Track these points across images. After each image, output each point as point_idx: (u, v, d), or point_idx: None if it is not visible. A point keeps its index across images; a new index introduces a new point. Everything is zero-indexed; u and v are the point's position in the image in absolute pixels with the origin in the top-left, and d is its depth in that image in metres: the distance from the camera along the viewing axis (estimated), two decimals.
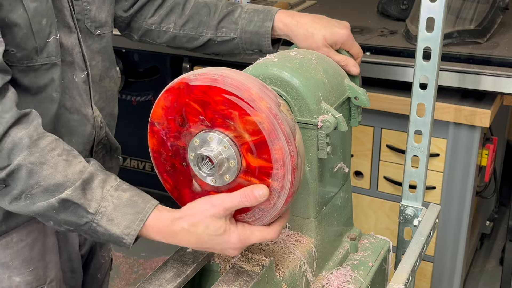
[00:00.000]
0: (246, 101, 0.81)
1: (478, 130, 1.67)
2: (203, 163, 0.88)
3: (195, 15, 1.28)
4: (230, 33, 1.27)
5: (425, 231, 1.19)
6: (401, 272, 1.05)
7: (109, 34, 1.15)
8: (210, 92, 0.83)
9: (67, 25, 1.02)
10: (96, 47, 1.11)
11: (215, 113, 0.84)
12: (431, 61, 1.20)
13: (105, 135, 1.18)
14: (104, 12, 1.12)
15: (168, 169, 0.94)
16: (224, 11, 1.27)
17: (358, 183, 1.94)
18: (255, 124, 0.82)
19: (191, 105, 0.86)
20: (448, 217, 1.80)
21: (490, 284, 2.37)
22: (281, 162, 0.83)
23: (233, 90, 0.82)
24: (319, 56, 1.10)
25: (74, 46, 1.04)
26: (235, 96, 0.82)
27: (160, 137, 0.92)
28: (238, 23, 1.26)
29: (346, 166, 1.14)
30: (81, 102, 1.08)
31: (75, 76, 1.05)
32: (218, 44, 1.29)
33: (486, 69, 1.61)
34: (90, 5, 1.08)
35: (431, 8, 1.15)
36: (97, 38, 1.11)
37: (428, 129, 1.26)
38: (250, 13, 1.26)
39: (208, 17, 1.27)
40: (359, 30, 2.00)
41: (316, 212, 1.06)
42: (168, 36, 1.30)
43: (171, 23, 1.29)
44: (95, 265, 1.33)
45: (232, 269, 0.95)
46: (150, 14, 1.29)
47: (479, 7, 1.78)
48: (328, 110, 0.99)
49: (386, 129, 1.83)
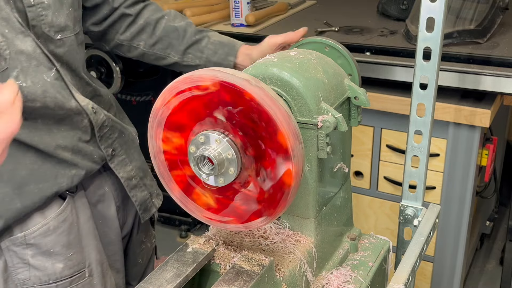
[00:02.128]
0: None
1: (478, 130, 1.67)
2: (202, 164, 0.88)
3: (164, 37, 1.35)
4: (196, 60, 1.36)
5: (425, 231, 1.19)
6: (401, 272, 1.05)
7: (72, 38, 1.17)
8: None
9: (20, 31, 1.05)
10: (60, 51, 1.14)
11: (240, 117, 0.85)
12: (431, 61, 1.20)
13: (106, 118, 1.23)
14: (63, 16, 1.13)
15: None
16: (192, 38, 1.35)
17: (358, 183, 1.94)
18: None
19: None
20: (448, 217, 1.80)
21: (490, 284, 2.37)
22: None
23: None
24: (319, 56, 1.10)
25: (34, 48, 1.07)
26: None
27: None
28: (204, 52, 1.35)
29: (346, 166, 1.14)
30: (63, 99, 1.12)
31: (46, 77, 1.09)
32: (183, 67, 1.38)
33: (486, 69, 1.61)
34: (45, 10, 1.10)
35: (431, 8, 1.15)
36: (59, 42, 1.13)
37: (428, 129, 1.26)
38: (216, 45, 1.35)
39: (177, 41, 1.35)
40: (359, 30, 2.00)
41: (316, 212, 1.06)
42: (138, 52, 1.38)
43: (141, 41, 1.36)
44: (134, 250, 1.42)
45: (232, 269, 0.95)
46: (122, 30, 1.35)
47: (479, 7, 1.78)
48: (328, 110, 0.99)
49: (386, 129, 1.83)
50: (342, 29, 2.01)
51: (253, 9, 2.16)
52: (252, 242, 1.05)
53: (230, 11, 2.12)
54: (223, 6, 2.27)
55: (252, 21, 2.06)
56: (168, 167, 0.95)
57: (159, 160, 0.95)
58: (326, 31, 2.00)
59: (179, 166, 0.94)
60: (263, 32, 2.07)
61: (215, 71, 0.84)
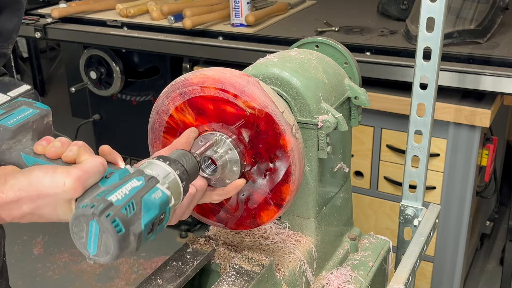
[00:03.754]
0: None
1: (478, 130, 1.67)
2: (206, 165, 0.88)
3: None
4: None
5: (425, 231, 1.19)
6: (401, 272, 1.05)
7: None
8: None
9: None
10: None
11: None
12: (431, 61, 1.20)
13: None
14: None
15: None
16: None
17: (358, 183, 1.94)
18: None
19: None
20: (448, 217, 1.80)
21: (490, 284, 2.37)
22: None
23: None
24: (319, 56, 1.10)
25: None
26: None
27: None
28: None
29: (346, 166, 1.14)
30: None
31: None
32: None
33: (486, 69, 1.61)
34: None
35: (431, 8, 1.15)
36: None
37: (428, 129, 1.26)
38: None
39: None
40: (359, 30, 2.00)
41: (316, 212, 1.06)
42: None
43: None
44: None
45: (232, 269, 0.95)
46: None
47: (479, 7, 1.78)
48: (328, 110, 0.99)
49: (386, 129, 1.83)
50: (342, 29, 2.01)
51: (253, 9, 2.16)
52: (252, 242, 1.05)
53: (230, 11, 2.12)
54: (223, 6, 2.27)
55: (252, 21, 2.06)
56: (165, 129, 0.93)
57: (160, 118, 0.92)
58: (326, 31, 2.00)
59: (175, 135, 0.92)
60: (263, 32, 2.07)
61: (268, 98, 0.84)
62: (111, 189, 0.65)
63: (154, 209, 0.66)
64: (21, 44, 4.85)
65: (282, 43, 1.93)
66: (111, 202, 0.63)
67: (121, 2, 2.46)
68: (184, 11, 2.14)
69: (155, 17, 2.24)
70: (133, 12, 2.33)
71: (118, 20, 2.32)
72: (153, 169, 0.70)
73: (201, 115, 0.88)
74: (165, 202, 0.68)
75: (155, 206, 0.66)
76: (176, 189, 0.72)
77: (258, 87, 0.85)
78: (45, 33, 2.40)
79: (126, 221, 0.63)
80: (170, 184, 0.70)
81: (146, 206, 0.65)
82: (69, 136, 0.77)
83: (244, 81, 0.85)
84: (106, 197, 0.63)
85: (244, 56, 1.97)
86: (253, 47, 1.98)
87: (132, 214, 0.64)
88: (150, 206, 0.65)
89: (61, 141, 0.73)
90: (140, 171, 0.69)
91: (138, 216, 0.64)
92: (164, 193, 0.68)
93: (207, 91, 0.86)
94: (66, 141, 0.74)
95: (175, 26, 2.18)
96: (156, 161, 0.72)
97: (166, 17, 2.23)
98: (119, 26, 2.31)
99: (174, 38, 2.14)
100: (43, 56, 5.06)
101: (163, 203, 0.67)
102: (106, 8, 2.49)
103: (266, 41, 2.00)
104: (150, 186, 0.67)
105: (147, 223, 0.65)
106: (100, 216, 0.61)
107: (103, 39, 2.31)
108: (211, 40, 2.08)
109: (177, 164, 0.73)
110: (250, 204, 0.91)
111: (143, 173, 0.68)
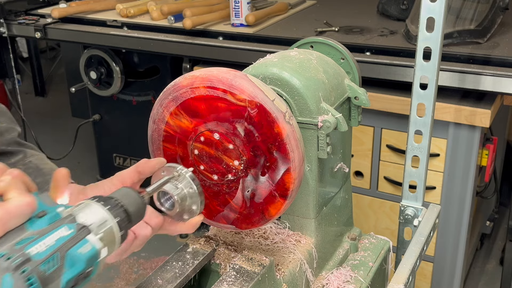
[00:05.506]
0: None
1: (478, 130, 1.67)
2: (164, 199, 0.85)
3: None
4: None
5: (425, 231, 1.19)
6: (401, 272, 1.05)
7: None
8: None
9: None
10: None
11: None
12: (431, 61, 1.20)
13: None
14: None
15: None
16: (1, 147, 1.08)
17: (358, 183, 1.94)
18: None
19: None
20: (448, 217, 1.80)
21: (490, 284, 2.37)
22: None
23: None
24: (319, 56, 1.10)
25: None
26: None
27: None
28: None
29: (346, 166, 1.14)
30: None
31: None
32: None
33: (486, 69, 1.61)
34: None
35: (431, 8, 1.15)
36: None
37: (428, 129, 1.26)
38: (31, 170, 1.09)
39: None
40: (359, 30, 2.00)
41: (316, 212, 1.06)
42: None
43: None
44: None
45: (232, 269, 0.95)
46: None
47: (479, 7, 1.78)
48: (328, 110, 0.99)
49: (386, 129, 1.83)
50: (342, 29, 2.01)
51: (253, 9, 2.16)
52: (252, 242, 1.05)
53: (230, 11, 2.12)
54: (223, 6, 2.27)
55: (252, 21, 2.07)
56: (163, 137, 0.93)
57: (157, 127, 0.93)
58: (326, 31, 2.00)
59: (174, 142, 0.93)
60: (263, 32, 2.07)
61: (257, 89, 0.84)
62: (34, 237, 0.58)
63: (80, 264, 0.60)
64: (21, 44, 4.85)
65: (282, 43, 1.93)
66: (29, 257, 0.56)
67: (121, 2, 2.46)
68: (184, 11, 2.14)
69: (155, 17, 2.25)
70: (133, 12, 2.33)
71: (118, 20, 2.32)
72: (89, 215, 0.63)
73: (195, 117, 0.89)
74: (94, 256, 0.62)
75: (81, 262, 0.60)
76: (111, 239, 0.65)
77: (246, 79, 0.85)
78: (45, 33, 2.40)
79: (44, 279, 0.57)
80: (105, 234, 0.64)
81: (71, 261, 0.59)
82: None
83: (231, 75, 0.85)
84: (26, 249, 0.56)
85: (244, 56, 1.97)
86: (253, 47, 1.98)
87: (52, 271, 0.58)
88: (75, 261, 0.60)
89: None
90: (72, 218, 0.62)
91: (59, 272, 0.58)
92: (94, 247, 0.62)
93: (197, 91, 0.86)
94: (0, 169, 0.66)
95: (175, 26, 2.18)
96: (95, 204, 0.65)
97: (166, 17, 2.23)
98: (119, 26, 2.31)
99: (174, 38, 2.14)
100: (43, 56, 5.06)
101: (91, 258, 0.62)
102: (106, 8, 2.49)
103: (266, 41, 2.01)
104: (79, 238, 0.61)
105: (70, 280, 0.59)
106: (14, 272, 0.55)
107: (103, 39, 2.31)
108: (211, 40, 2.08)
109: (118, 209, 0.67)
110: (256, 199, 0.91)
111: (74, 220, 0.62)
